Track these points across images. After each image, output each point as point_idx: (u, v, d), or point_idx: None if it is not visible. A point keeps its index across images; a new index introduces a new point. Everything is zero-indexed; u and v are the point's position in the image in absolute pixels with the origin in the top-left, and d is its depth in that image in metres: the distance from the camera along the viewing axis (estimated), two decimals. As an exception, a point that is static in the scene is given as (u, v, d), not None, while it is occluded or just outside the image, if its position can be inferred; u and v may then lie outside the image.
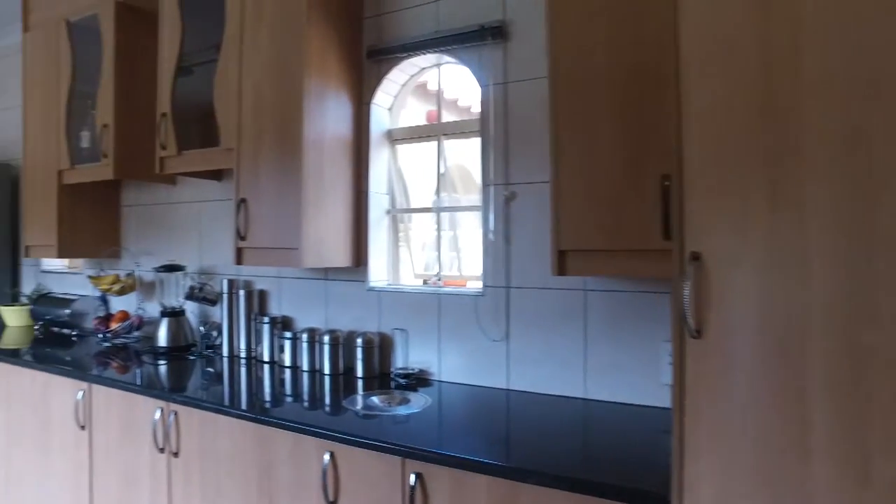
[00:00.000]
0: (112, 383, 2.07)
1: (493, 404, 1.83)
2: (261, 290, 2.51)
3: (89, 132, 2.78)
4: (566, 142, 1.51)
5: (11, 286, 3.70)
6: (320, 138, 2.03)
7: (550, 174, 1.53)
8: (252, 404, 1.85)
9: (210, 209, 2.72)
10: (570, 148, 1.51)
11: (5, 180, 3.65)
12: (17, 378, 2.49)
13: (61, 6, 2.85)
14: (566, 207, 1.51)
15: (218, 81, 2.20)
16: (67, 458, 2.26)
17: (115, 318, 2.84)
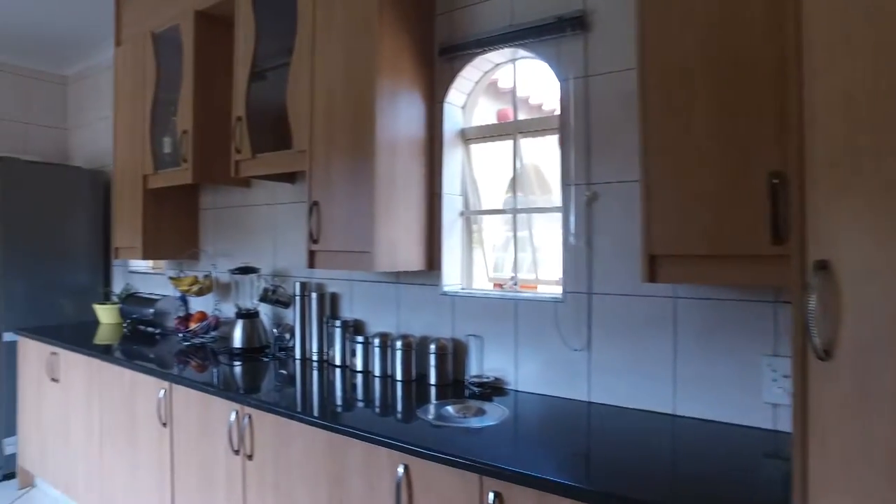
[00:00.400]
0: (190, 384, 2.10)
1: (574, 418, 1.72)
2: (333, 293, 2.50)
3: (171, 138, 2.87)
4: (658, 137, 1.39)
5: (104, 285, 3.90)
6: (393, 139, 1.98)
7: (640, 172, 1.41)
8: (325, 410, 1.82)
9: (283, 212, 2.74)
10: (663, 144, 1.38)
11: (98, 186, 3.86)
12: (108, 373, 2.59)
13: (148, 20, 2.96)
14: (658, 208, 1.39)
15: (291, 84, 2.20)
16: (152, 453, 2.33)
17: (193, 319, 2.93)
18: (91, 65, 4.15)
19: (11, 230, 3.45)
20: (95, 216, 3.85)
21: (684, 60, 1.35)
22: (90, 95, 4.20)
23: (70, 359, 2.88)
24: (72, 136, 4.42)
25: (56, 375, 2.98)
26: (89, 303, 3.72)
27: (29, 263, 3.54)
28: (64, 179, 3.72)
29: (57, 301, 3.66)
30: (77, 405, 2.84)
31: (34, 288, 3.56)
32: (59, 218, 3.68)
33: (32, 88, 4.28)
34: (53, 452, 3.04)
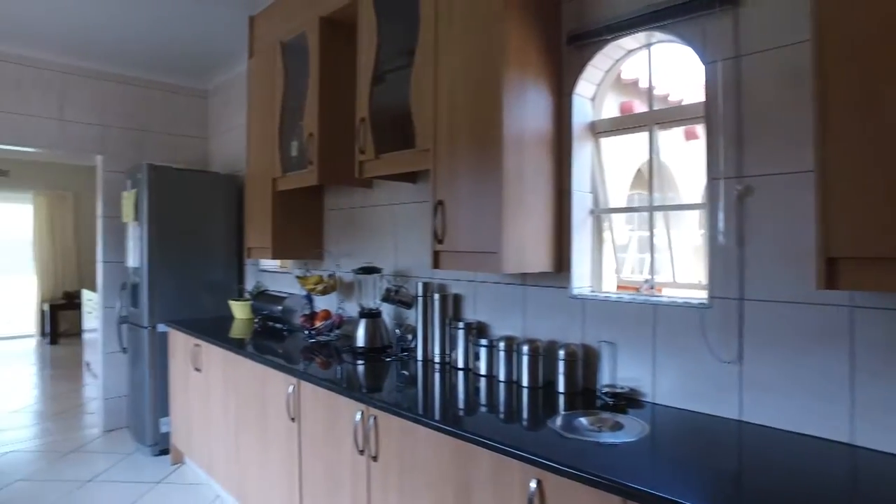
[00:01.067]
0: (318, 381, 2.15)
1: (723, 438, 1.54)
2: (455, 294, 2.46)
3: (297, 142, 2.98)
4: (839, 121, 1.18)
5: (238, 283, 4.17)
6: (520, 135, 1.89)
7: (814, 162, 1.22)
8: (450, 416, 1.77)
9: (405, 212, 2.75)
10: (846, 128, 1.18)
11: (233, 189, 4.13)
12: (242, 366, 2.74)
13: (277, 31, 3.10)
14: (839, 203, 1.18)
15: (414, 83, 2.18)
16: (281, 445, 2.42)
17: (318, 317, 3.02)
18: (227, 79, 4.45)
19: (163, 232, 3.78)
20: (231, 218, 4.12)
21: (874, 28, 1.14)
22: (226, 106, 4.51)
23: (210, 351, 3.08)
24: (211, 144, 4.77)
25: (199, 365, 3.21)
26: (225, 298, 3.99)
27: (177, 262, 3.85)
28: (204, 184, 4.02)
29: (199, 296, 3.96)
30: (216, 393, 3.03)
31: (181, 284, 3.87)
32: (201, 220, 3.98)
33: (179, 103, 4.67)
34: (198, 435, 3.27)
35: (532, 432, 1.63)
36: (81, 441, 4.08)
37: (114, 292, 4.23)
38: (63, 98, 4.15)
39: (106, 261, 4.31)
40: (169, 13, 3.35)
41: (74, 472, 3.54)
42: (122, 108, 4.39)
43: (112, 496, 3.20)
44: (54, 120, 4.12)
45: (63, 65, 4.14)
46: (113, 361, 4.30)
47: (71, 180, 8.34)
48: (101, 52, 4.00)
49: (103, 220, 4.30)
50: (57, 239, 8.44)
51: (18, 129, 3.98)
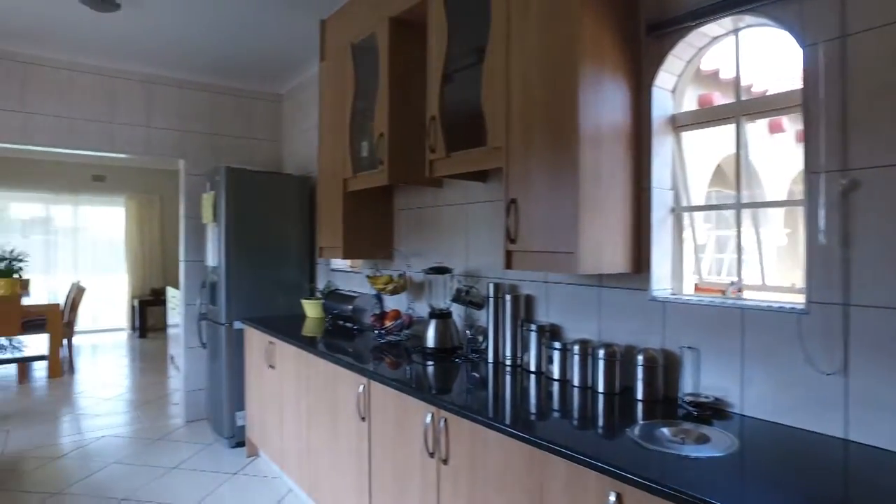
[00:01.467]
0: (388, 382, 2.14)
1: (825, 458, 1.40)
2: (527, 296, 2.40)
3: (368, 142, 3.00)
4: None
5: (310, 282, 4.27)
6: (597, 129, 1.81)
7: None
8: (522, 421, 1.71)
9: (475, 211, 2.71)
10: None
11: (305, 191, 4.23)
12: (314, 364, 2.78)
13: (348, 33, 3.13)
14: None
15: (485, 80, 2.13)
16: (352, 444, 2.44)
17: (388, 317, 3.03)
18: (300, 82, 4.57)
19: (239, 232, 3.92)
20: (303, 218, 4.22)
21: None
22: (298, 110, 4.63)
23: (283, 348, 3.16)
24: (284, 146, 4.92)
25: (272, 362, 3.30)
26: (298, 297, 4.09)
27: (252, 261, 3.99)
28: (278, 186, 4.13)
29: (273, 294, 4.08)
30: (288, 390, 3.10)
31: (256, 282, 4.00)
32: (275, 220, 4.10)
33: (254, 108, 4.84)
34: (271, 430, 3.37)
35: (609, 441, 1.55)
36: (166, 430, 4.30)
37: (195, 290, 4.43)
38: (149, 107, 4.39)
39: (188, 260, 4.52)
40: (246, 23, 3.46)
41: (160, 458, 3.73)
42: (201, 113, 4.60)
43: (193, 483, 3.34)
44: (142, 127, 4.36)
45: (149, 75, 4.37)
46: (194, 356, 4.50)
47: (158, 184, 8.85)
48: (184, 62, 4.20)
49: (185, 220, 4.52)
50: (145, 239, 8.98)
51: (112, 137, 4.24)
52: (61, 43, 3.81)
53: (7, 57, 3.90)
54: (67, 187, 8.48)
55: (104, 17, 3.32)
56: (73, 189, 8.54)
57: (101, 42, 3.79)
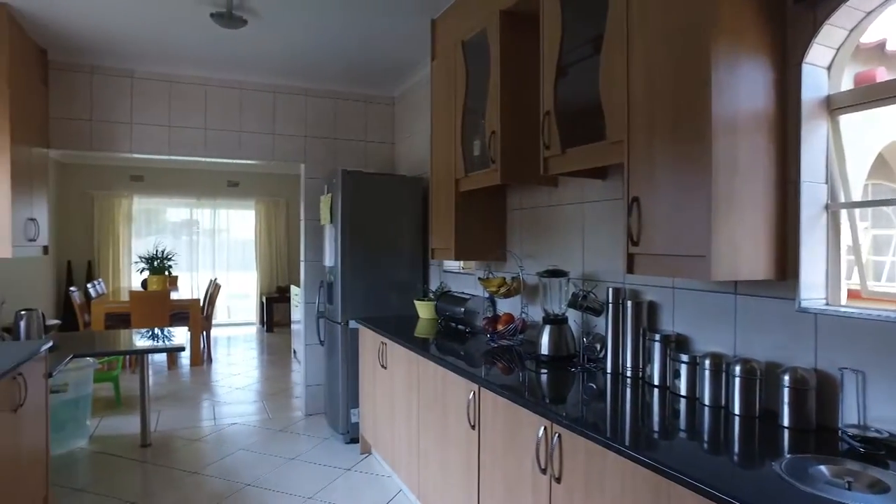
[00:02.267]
0: (499, 391, 2.04)
1: None
2: (650, 302, 2.20)
3: (480, 141, 2.93)
4: None
5: (422, 283, 4.29)
6: (733, 116, 1.59)
7: None
8: (645, 442, 1.54)
9: (593, 211, 2.54)
10: None
11: (418, 192, 4.25)
12: (425, 367, 2.76)
13: (458, 30, 3.09)
14: None
15: (603, 69, 1.97)
16: (461, 452, 2.38)
17: (501, 320, 2.94)
18: (412, 84, 4.61)
19: (355, 233, 4.02)
20: (416, 219, 4.25)
21: None
22: (411, 111, 4.68)
23: (394, 349, 3.18)
24: (397, 148, 5.00)
25: (384, 362, 3.33)
26: (411, 298, 4.12)
27: (367, 261, 4.07)
28: (392, 187, 4.19)
29: (387, 295, 4.15)
30: (400, 391, 3.11)
31: (371, 282, 4.09)
32: (389, 221, 4.16)
33: (369, 111, 4.96)
34: (383, 429, 3.41)
35: (748, 472, 1.34)
36: (288, 422, 4.52)
37: (314, 289, 4.62)
38: (274, 115, 4.64)
39: (307, 260, 4.73)
40: (360, 30, 3.53)
41: (281, 448, 3.92)
42: (321, 119, 4.79)
43: (309, 475, 3.47)
44: (267, 134, 4.62)
45: (273, 85, 4.63)
46: (313, 352, 4.70)
47: (284, 188, 9.43)
48: (305, 72, 4.39)
49: (305, 222, 4.73)
50: (273, 240, 9.60)
51: (240, 144, 4.54)
52: (198, 61, 4.12)
53: (157, 78, 4.29)
54: (207, 193, 9.28)
55: (234, 34, 3.53)
56: (212, 194, 9.33)
57: (232, 57, 4.05)
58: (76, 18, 3.44)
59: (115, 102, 4.19)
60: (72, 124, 4.10)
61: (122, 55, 4.03)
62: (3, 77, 3.24)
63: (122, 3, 3.18)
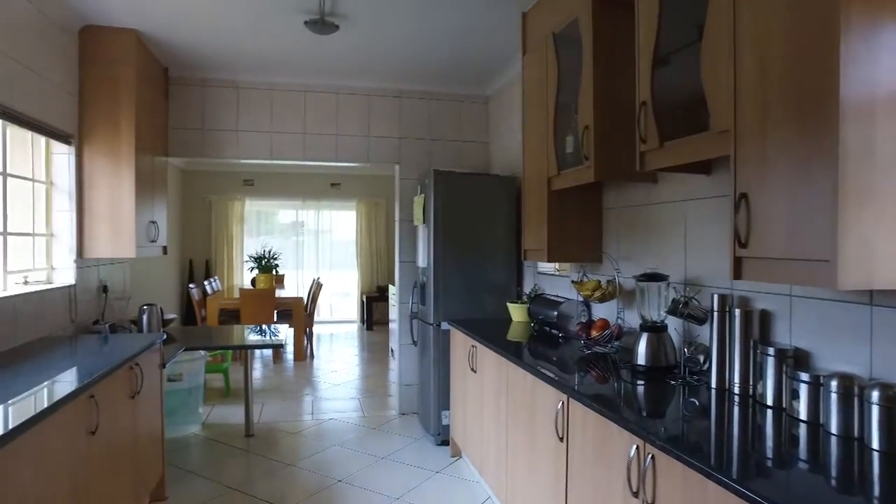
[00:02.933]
0: (589, 404, 1.90)
1: None
2: (763, 311, 1.96)
3: (573, 137, 2.78)
4: None
5: (516, 285, 4.18)
6: (868, 96, 1.35)
7: None
8: (757, 474, 1.35)
9: (696, 209, 2.32)
10: None
11: (513, 191, 4.14)
12: (514, 372, 2.66)
13: (550, 21, 2.95)
14: None
15: (706, 51, 1.77)
16: (548, 464, 2.25)
17: (595, 326, 2.77)
18: (505, 82, 4.51)
19: (448, 234, 3.99)
20: (510, 219, 4.14)
21: None
22: (504, 109, 4.58)
23: (484, 353, 3.10)
24: (492, 147, 4.91)
25: (474, 366, 3.26)
26: (505, 300, 4.02)
27: (460, 262, 4.03)
28: (485, 187, 4.12)
29: (480, 296, 4.08)
30: (489, 396, 3.03)
31: (464, 284, 4.04)
32: (483, 222, 4.09)
33: (463, 111, 4.92)
34: (472, 433, 3.34)
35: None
36: (382, 420, 4.58)
37: (408, 289, 4.65)
38: (369, 117, 4.72)
39: (402, 260, 4.77)
40: (452, 29, 3.49)
41: (374, 446, 3.97)
42: (415, 120, 4.81)
43: (399, 475, 3.47)
44: (363, 137, 4.71)
45: (367, 88, 4.71)
46: (407, 352, 4.73)
47: (384, 189, 9.65)
48: (396, 73, 4.43)
49: (400, 223, 4.77)
50: (372, 240, 9.87)
51: (336, 147, 4.66)
52: (296, 68, 4.29)
53: (259, 87, 4.52)
54: (312, 194, 9.71)
55: (328, 40, 3.62)
56: (316, 196, 9.75)
57: (328, 63, 4.17)
58: (191, 37, 3.69)
59: (222, 112, 4.46)
60: (186, 133, 4.41)
61: (229, 67, 4.27)
62: (131, 94, 3.53)
63: (226, 19, 3.36)
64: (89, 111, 3.48)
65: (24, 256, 3.17)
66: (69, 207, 3.42)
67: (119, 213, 3.52)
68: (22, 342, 2.79)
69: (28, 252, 3.20)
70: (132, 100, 3.53)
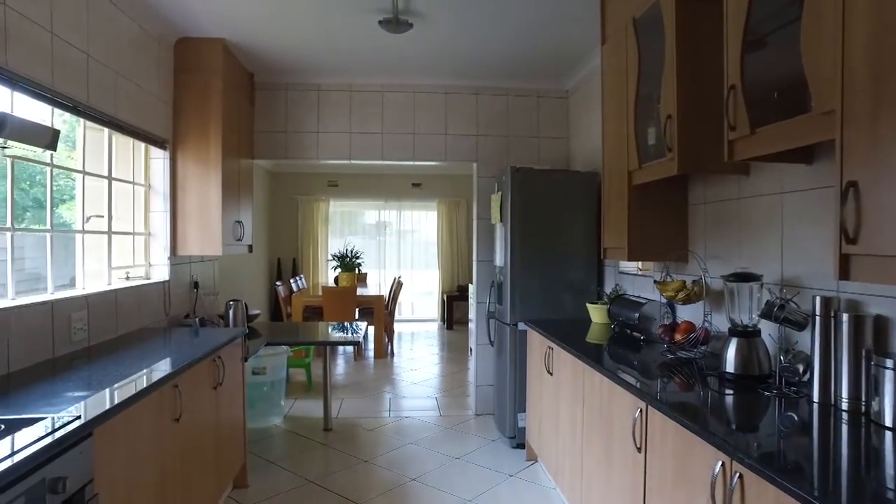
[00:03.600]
0: (669, 413, 1.76)
1: None
2: (877, 316, 1.72)
3: (655, 128, 2.61)
4: None
5: (596, 285, 4.01)
6: None
7: None
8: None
9: (794, 202, 2.10)
10: None
11: (593, 188, 3.98)
12: (590, 377, 2.53)
13: (629, 6, 2.78)
14: None
15: (807, 24, 1.58)
16: (625, 476, 2.12)
17: (679, 329, 2.58)
18: (584, 75, 4.34)
19: (525, 232, 3.89)
20: (590, 217, 3.98)
21: None
22: (583, 103, 4.41)
23: (560, 354, 2.98)
24: (572, 143, 4.75)
25: (550, 368, 3.15)
26: (584, 300, 3.87)
27: (538, 261, 3.92)
28: (564, 184, 3.98)
29: (558, 296, 3.95)
30: (565, 400, 2.91)
31: (542, 283, 3.92)
32: (562, 219, 3.95)
33: (542, 106, 4.79)
34: (547, 438, 3.23)
35: None
36: (458, 420, 4.55)
37: (485, 289, 4.59)
38: (446, 115, 4.70)
39: (480, 259, 4.71)
40: (529, 22, 3.39)
41: (449, 447, 3.94)
42: (492, 117, 4.74)
43: (472, 477, 3.42)
44: (440, 135, 4.70)
45: (444, 86, 4.69)
46: (484, 352, 4.67)
47: (464, 188, 9.63)
48: (472, 70, 4.37)
49: (478, 221, 4.71)
50: (453, 239, 9.88)
51: (416, 146, 4.68)
52: (374, 69, 4.33)
53: (339, 88, 4.61)
54: (393, 195, 9.87)
55: (403, 39, 3.62)
56: (398, 196, 9.90)
57: (404, 62, 4.18)
58: (274, 43, 3.83)
59: (304, 114, 4.59)
60: (270, 136, 4.58)
61: (309, 71, 4.40)
62: (219, 101, 3.71)
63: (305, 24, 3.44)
64: (181, 118, 3.68)
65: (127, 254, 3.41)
66: (164, 208, 3.63)
67: (207, 214, 3.70)
68: (123, 332, 2.99)
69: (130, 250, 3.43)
70: (220, 106, 3.70)
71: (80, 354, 2.49)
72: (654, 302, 3.02)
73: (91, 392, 1.86)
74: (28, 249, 2.82)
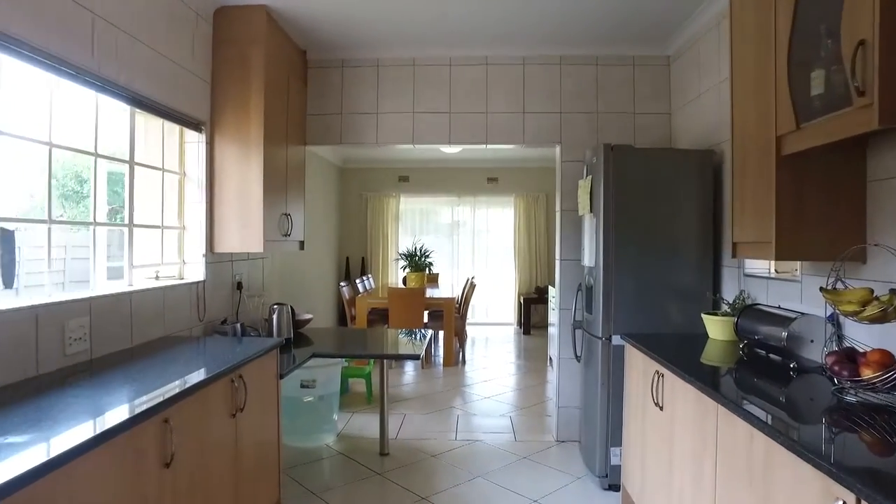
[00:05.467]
0: (873, 498, 1.02)
1: None
2: None
3: (823, 70, 1.82)
4: None
5: (713, 291, 3.19)
6: None
7: None
8: None
9: None
10: None
11: (707, 170, 3.18)
12: (727, 420, 1.79)
13: None
14: None
15: None
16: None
17: (866, 361, 1.76)
18: (690, 36, 3.53)
19: (621, 225, 3.15)
20: (704, 205, 3.18)
21: None
22: (691, 71, 3.59)
23: (675, 384, 2.24)
24: (675, 118, 3.93)
25: (659, 400, 2.40)
26: (697, 310, 3.07)
27: (637, 260, 3.17)
28: (670, 165, 3.20)
29: (663, 305, 3.18)
30: (682, 444, 2.17)
31: (641, 288, 3.17)
32: (666, 208, 3.18)
33: (639, 76, 4.00)
34: (653, 487, 2.48)
35: None
36: (536, 447, 3.85)
37: (570, 293, 3.87)
38: (523, 90, 4.01)
39: (564, 259, 3.99)
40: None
41: (525, 483, 3.26)
42: (578, 90, 4.00)
43: (558, 535, 2.72)
44: (517, 114, 4.02)
45: (522, 56, 3.99)
46: (568, 368, 3.95)
47: (544, 182, 8.85)
48: (556, 35, 3.67)
49: (562, 214, 4.00)
50: (531, 238, 9.12)
51: (489, 128, 4.02)
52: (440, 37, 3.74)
53: (400, 63, 4.03)
54: (468, 190, 9.24)
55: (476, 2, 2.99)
56: (472, 191, 9.26)
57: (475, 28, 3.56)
58: (326, 11, 3.35)
59: (362, 94, 4.05)
60: (325, 119, 4.07)
61: (367, 44, 3.87)
62: (260, 75, 3.22)
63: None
64: (220, 96, 3.23)
65: (156, 250, 2.98)
66: (200, 199, 3.18)
67: (247, 205, 3.22)
68: (140, 341, 2.55)
69: (159, 245, 3.00)
70: (261, 81, 3.21)
71: (72, 371, 2.03)
72: (811, 316, 2.21)
73: (33, 435, 1.35)
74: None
